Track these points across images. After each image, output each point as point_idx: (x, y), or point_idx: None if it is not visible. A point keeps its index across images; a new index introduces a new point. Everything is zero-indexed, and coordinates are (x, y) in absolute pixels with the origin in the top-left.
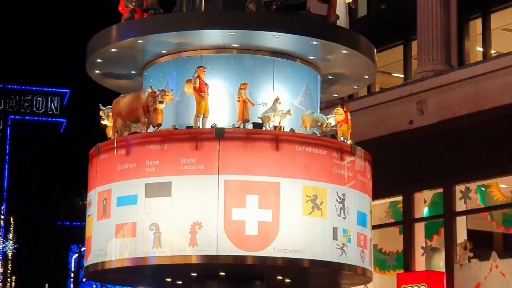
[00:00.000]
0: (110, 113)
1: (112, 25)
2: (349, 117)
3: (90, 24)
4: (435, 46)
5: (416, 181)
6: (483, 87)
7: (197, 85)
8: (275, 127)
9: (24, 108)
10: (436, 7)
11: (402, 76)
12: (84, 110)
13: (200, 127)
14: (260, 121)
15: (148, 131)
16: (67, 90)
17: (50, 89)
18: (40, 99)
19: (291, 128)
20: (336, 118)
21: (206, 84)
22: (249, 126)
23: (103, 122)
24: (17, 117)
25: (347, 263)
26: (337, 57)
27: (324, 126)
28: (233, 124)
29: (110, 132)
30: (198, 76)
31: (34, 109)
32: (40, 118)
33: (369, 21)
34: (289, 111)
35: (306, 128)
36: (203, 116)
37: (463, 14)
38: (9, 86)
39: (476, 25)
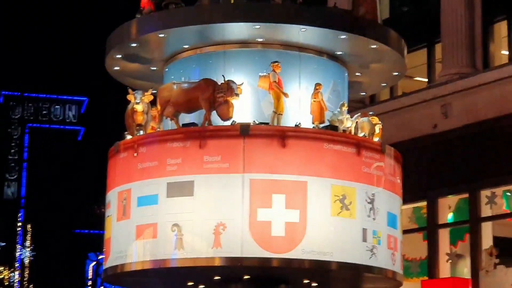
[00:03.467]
0: (143, 98)
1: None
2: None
3: (108, 32)
4: (460, 49)
5: (440, 186)
6: (508, 90)
7: (277, 80)
8: (344, 130)
9: (42, 116)
10: (460, 9)
11: (425, 80)
12: (102, 118)
13: (276, 124)
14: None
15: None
16: (85, 98)
17: (67, 97)
18: (58, 107)
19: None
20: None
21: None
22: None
23: (136, 107)
24: (34, 125)
25: (377, 266)
26: (365, 52)
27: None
28: (316, 125)
29: (139, 118)
30: (274, 72)
31: (52, 117)
32: (58, 126)
33: (391, 24)
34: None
35: (364, 134)
36: (278, 113)
37: (487, 17)
38: (27, 94)
39: (501, 28)
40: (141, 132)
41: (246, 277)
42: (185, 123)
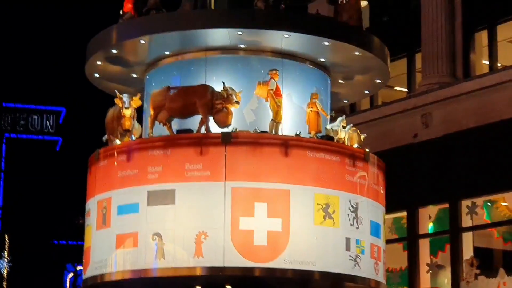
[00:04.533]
0: (132, 103)
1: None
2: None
3: (86, 43)
4: (440, 58)
5: (420, 196)
6: (489, 100)
7: (274, 88)
8: (338, 140)
9: (19, 126)
10: (441, 18)
11: (404, 90)
12: (80, 129)
13: (274, 132)
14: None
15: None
16: (63, 109)
17: (45, 107)
18: (36, 117)
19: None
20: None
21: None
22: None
23: (125, 112)
24: (12, 135)
25: (360, 276)
26: (349, 59)
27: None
28: (313, 135)
29: (127, 123)
30: (273, 80)
31: (30, 127)
32: (36, 136)
33: (371, 33)
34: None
35: (358, 145)
36: (277, 122)
37: (468, 26)
38: (4, 104)
39: (482, 37)
40: (133, 137)
41: (228, 286)
42: (181, 129)
